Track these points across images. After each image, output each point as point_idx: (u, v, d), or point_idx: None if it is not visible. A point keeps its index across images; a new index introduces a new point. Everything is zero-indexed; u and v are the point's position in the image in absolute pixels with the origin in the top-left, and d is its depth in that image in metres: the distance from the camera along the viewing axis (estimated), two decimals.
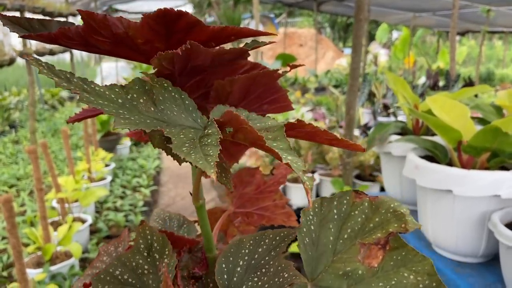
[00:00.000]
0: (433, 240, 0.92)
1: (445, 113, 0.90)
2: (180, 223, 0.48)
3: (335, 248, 0.33)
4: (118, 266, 0.37)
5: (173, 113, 0.31)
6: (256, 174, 0.46)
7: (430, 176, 0.86)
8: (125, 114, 0.29)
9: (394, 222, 0.31)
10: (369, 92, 3.80)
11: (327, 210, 0.34)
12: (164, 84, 0.32)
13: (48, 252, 1.94)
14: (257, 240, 0.36)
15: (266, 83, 0.35)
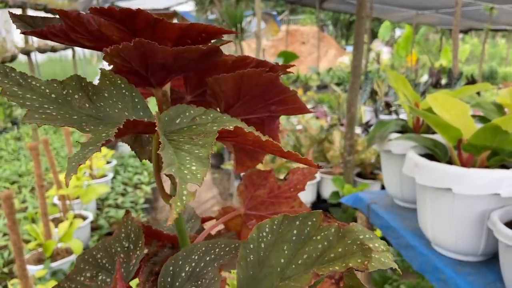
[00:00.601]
0: (432, 238, 0.92)
1: (445, 111, 0.89)
2: (189, 217, 0.48)
3: (284, 273, 0.29)
4: (101, 250, 0.39)
5: (114, 111, 0.32)
6: (269, 178, 0.44)
7: (429, 174, 0.85)
8: (47, 109, 0.29)
9: (358, 257, 0.27)
10: (371, 90, 3.79)
11: (287, 229, 0.30)
12: (118, 81, 0.32)
13: (49, 248, 1.95)
14: (208, 248, 0.34)
15: (261, 83, 0.34)
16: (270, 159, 2.47)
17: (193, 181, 0.25)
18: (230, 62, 0.36)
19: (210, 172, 3.96)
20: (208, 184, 3.66)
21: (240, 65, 0.36)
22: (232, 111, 0.38)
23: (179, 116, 0.31)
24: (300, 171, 0.44)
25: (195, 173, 0.25)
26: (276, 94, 0.36)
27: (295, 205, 0.43)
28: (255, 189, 0.43)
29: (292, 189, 0.43)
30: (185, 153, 0.27)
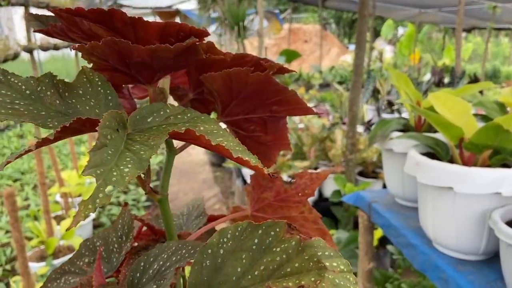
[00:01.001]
0: (433, 237, 0.92)
1: (447, 110, 0.89)
2: (197, 214, 0.48)
3: (239, 283, 0.27)
4: (100, 238, 0.41)
5: (85, 107, 0.32)
6: (276, 181, 0.43)
7: (431, 173, 0.85)
8: (16, 104, 0.30)
9: (312, 275, 0.26)
10: (373, 89, 3.79)
11: (248, 237, 0.29)
12: (95, 78, 0.33)
13: (51, 246, 1.95)
14: (178, 248, 0.34)
15: (253, 82, 0.34)
16: None
17: (117, 184, 0.24)
18: (229, 59, 0.36)
19: (212, 171, 3.96)
20: (209, 182, 3.67)
21: (239, 63, 0.35)
22: (230, 110, 0.38)
23: (152, 115, 0.31)
24: (308, 176, 0.43)
25: (124, 175, 0.25)
26: (273, 94, 0.36)
27: (304, 211, 0.42)
28: (261, 191, 0.43)
29: (300, 193, 0.42)
30: (130, 153, 0.27)
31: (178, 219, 0.48)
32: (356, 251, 1.64)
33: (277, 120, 0.39)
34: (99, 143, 0.26)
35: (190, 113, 0.32)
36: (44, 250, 2.02)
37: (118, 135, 0.28)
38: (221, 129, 0.30)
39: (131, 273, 0.33)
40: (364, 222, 1.27)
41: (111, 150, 0.26)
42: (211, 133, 0.29)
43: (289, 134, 0.96)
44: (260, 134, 0.39)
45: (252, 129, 0.39)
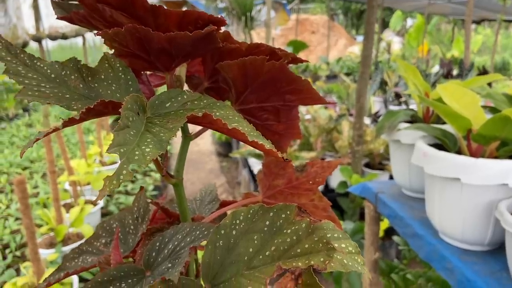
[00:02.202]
0: (440, 228, 0.93)
1: (455, 101, 0.89)
2: (211, 199, 0.49)
3: (251, 262, 0.29)
4: (116, 219, 0.43)
5: (106, 92, 0.34)
6: (287, 168, 0.43)
7: (438, 164, 0.86)
8: (43, 87, 0.32)
9: (321, 255, 0.27)
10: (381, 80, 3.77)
11: (260, 219, 0.30)
12: (116, 64, 0.34)
13: (61, 233, 1.98)
14: (192, 229, 0.35)
15: (267, 71, 0.35)
16: None
17: (140, 162, 0.25)
18: (244, 49, 0.37)
19: (218, 161, 3.98)
20: (216, 172, 3.69)
21: (254, 52, 0.36)
22: (244, 98, 0.39)
23: (171, 100, 0.33)
24: (319, 164, 0.43)
25: (145, 155, 0.26)
26: (287, 83, 0.37)
27: (315, 199, 0.42)
28: (273, 178, 0.43)
29: (311, 181, 0.42)
30: (150, 135, 0.28)
31: (191, 204, 0.49)
32: (362, 241, 1.65)
33: (289, 109, 0.39)
34: (122, 124, 0.27)
35: (206, 99, 0.33)
36: (54, 237, 2.05)
37: (138, 118, 0.30)
38: (236, 115, 0.31)
39: (147, 253, 0.34)
40: (371, 212, 1.28)
41: (133, 131, 0.28)
42: (226, 118, 0.30)
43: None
44: (273, 123, 0.40)
45: (265, 117, 0.39)
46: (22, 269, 1.72)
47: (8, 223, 2.52)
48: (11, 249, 2.23)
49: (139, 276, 0.33)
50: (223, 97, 0.41)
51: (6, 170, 3.36)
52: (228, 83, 0.38)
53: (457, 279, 0.85)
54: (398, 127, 1.12)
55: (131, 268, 0.34)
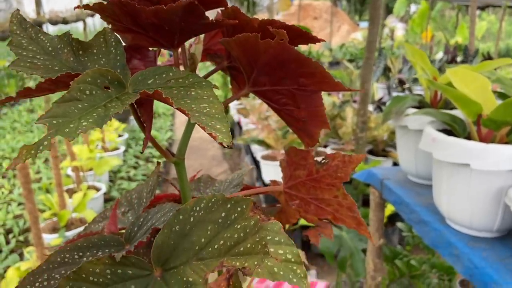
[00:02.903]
0: (447, 214, 0.92)
1: (465, 86, 0.88)
2: (237, 183, 0.48)
3: (200, 253, 0.28)
4: (136, 191, 0.44)
5: (94, 66, 0.34)
6: (308, 158, 0.40)
7: (447, 150, 0.84)
8: (37, 59, 0.33)
9: (256, 259, 0.26)
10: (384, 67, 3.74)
11: (218, 210, 0.29)
12: (111, 39, 0.35)
13: (64, 218, 1.99)
14: (169, 209, 0.35)
15: (270, 50, 0.32)
16: (281, 134, 2.47)
17: (68, 135, 0.25)
18: (256, 25, 0.35)
19: (220, 147, 3.97)
20: (218, 158, 3.68)
21: (267, 29, 0.34)
22: (254, 80, 0.37)
23: (154, 77, 0.32)
24: (340, 157, 0.40)
25: (78, 128, 0.26)
26: (297, 65, 0.34)
27: (339, 195, 0.40)
28: (294, 168, 0.41)
29: (333, 176, 0.39)
30: (102, 109, 0.28)
31: (219, 185, 0.48)
32: None
33: (308, 95, 0.37)
34: (68, 96, 0.27)
35: (193, 78, 0.32)
36: (57, 222, 2.05)
37: (103, 92, 0.29)
38: (213, 96, 0.30)
39: (130, 227, 0.35)
40: (376, 199, 1.27)
41: (83, 104, 0.27)
42: (197, 98, 0.30)
43: None
44: (292, 108, 0.38)
45: (283, 102, 0.38)
46: (25, 254, 1.73)
47: (11, 208, 2.52)
48: (14, 234, 2.24)
49: (119, 247, 0.33)
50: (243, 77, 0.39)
51: (8, 156, 3.36)
52: (235, 61, 0.37)
53: (465, 265, 0.84)
54: (405, 112, 1.11)
55: (113, 239, 0.34)
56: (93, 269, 0.26)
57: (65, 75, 0.29)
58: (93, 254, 0.31)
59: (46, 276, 0.29)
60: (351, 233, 1.55)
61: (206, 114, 0.28)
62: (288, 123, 0.41)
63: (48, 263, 0.30)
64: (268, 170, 2.49)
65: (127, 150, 3.42)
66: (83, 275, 0.26)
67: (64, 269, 0.29)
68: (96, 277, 0.26)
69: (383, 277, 1.37)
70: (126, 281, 0.27)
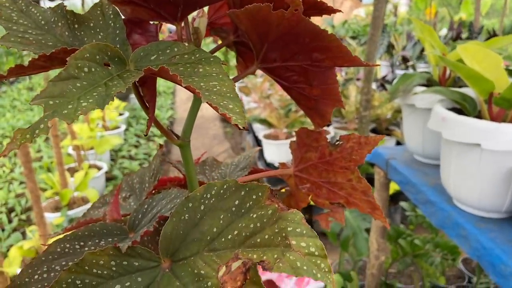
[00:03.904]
0: (454, 194, 0.90)
1: (476, 63, 0.85)
2: (244, 166, 0.46)
3: (212, 244, 0.26)
4: (138, 175, 0.43)
5: (91, 40, 0.31)
6: (320, 140, 0.38)
7: (457, 129, 0.82)
8: (28, 34, 0.30)
9: (276, 252, 0.24)
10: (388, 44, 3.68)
11: (230, 197, 0.27)
12: (109, 11, 0.32)
13: (66, 197, 1.98)
14: (176, 195, 0.34)
15: (277, 23, 0.30)
16: (284, 113, 2.44)
17: (66, 118, 0.23)
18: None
19: (222, 126, 3.95)
20: (220, 138, 3.66)
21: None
22: (264, 56, 0.34)
23: (157, 53, 0.30)
24: (356, 139, 0.37)
25: (78, 109, 0.24)
26: (311, 39, 0.31)
27: (353, 179, 0.37)
28: (305, 150, 0.39)
29: (347, 158, 0.37)
30: (103, 88, 0.25)
31: (225, 168, 0.46)
32: None
33: (322, 71, 0.34)
34: (64, 73, 0.25)
35: (199, 53, 0.30)
36: (59, 201, 2.05)
37: (103, 70, 0.27)
38: (222, 73, 0.28)
39: (134, 214, 0.33)
40: (381, 178, 1.25)
41: (82, 83, 0.25)
42: (205, 75, 0.27)
43: None
44: (304, 86, 0.36)
45: (295, 79, 0.35)
46: (28, 233, 1.73)
47: (12, 186, 2.52)
48: (16, 212, 2.24)
49: (122, 236, 0.31)
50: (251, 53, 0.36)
51: (9, 134, 3.34)
52: (246, 37, 0.34)
53: (472, 246, 0.83)
54: (413, 91, 1.08)
55: (115, 227, 0.32)
56: (97, 260, 0.24)
57: (61, 50, 0.26)
58: (95, 243, 0.29)
59: (45, 267, 0.27)
60: (354, 212, 1.55)
61: (217, 93, 0.25)
62: (298, 102, 0.39)
63: (48, 253, 0.28)
64: (270, 149, 2.47)
65: (128, 128, 3.40)
66: (85, 267, 0.24)
67: (65, 260, 0.28)
68: (100, 269, 0.24)
69: (386, 257, 1.37)
70: (132, 273, 0.25)
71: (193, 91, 0.25)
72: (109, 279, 0.24)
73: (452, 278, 1.68)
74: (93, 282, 0.24)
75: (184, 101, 4.49)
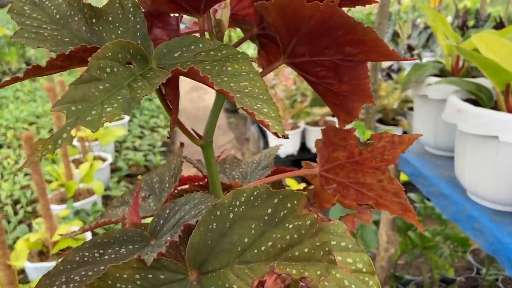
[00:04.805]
0: (469, 187, 0.89)
1: (492, 53, 0.82)
2: (265, 164, 0.44)
3: (244, 255, 0.24)
4: (158, 174, 0.42)
5: (110, 36, 0.30)
6: (349, 139, 0.36)
7: (474, 121, 0.80)
8: (43, 29, 0.29)
9: (319, 268, 0.22)
10: (393, 32, 3.64)
11: (262, 205, 0.25)
12: (128, 3, 0.30)
13: (71, 189, 1.97)
14: (200, 201, 0.32)
15: (309, 15, 0.28)
16: (289, 104, 2.42)
17: (91, 125, 0.21)
18: None
19: (226, 117, 3.93)
20: (224, 128, 3.65)
21: None
22: (292, 50, 0.32)
23: (182, 49, 0.28)
24: (389, 138, 0.35)
25: (102, 116, 0.23)
26: (345, 31, 0.29)
27: (383, 179, 0.35)
28: (332, 149, 0.36)
29: (379, 158, 0.35)
30: (127, 91, 0.24)
31: (246, 167, 0.44)
32: None
33: (353, 66, 0.32)
34: (87, 75, 0.23)
35: (226, 50, 0.28)
36: (64, 193, 2.04)
37: (126, 69, 0.25)
38: (253, 72, 0.26)
39: (155, 219, 0.31)
40: (391, 170, 1.24)
41: (105, 85, 0.23)
42: (234, 74, 0.25)
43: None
44: (333, 82, 0.34)
45: (323, 75, 0.33)
46: (34, 225, 1.72)
47: (17, 178, 2.51)
48: (22, 204, 2.24)
49: (143, 243, 0.29)
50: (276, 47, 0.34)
51: (12, 125, 3.33)
52: (273, 30, 0.32)
53: (488, 240, 0.82)
54: (426, 81, 1.06)
55: (136, 233, 0.30)
56: (120, 274, 0.23)
57: (80, 48, 0.24)
58: (115, 251, 0.28)
59: (64, 278, 0.25)
60: None
61: (249, 95, 0.24)
62: (324, 98, 0.37)
63: (66, 263, 0.26)
64: (276, 140, 2.45)
65: (132, 119, 3.38)
66: (109, 282, 0.23)
67: (84, 270, 0.26)
68: (124, 284, 0.23)
69: (396, 249, 1.36)
70: (158, 287, 0.23)
71: (227, 95, 0.23)
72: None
73: (460, 269, 1.67)
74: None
75: (188, 91, 4.47)
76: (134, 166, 2.67)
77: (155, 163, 2.71)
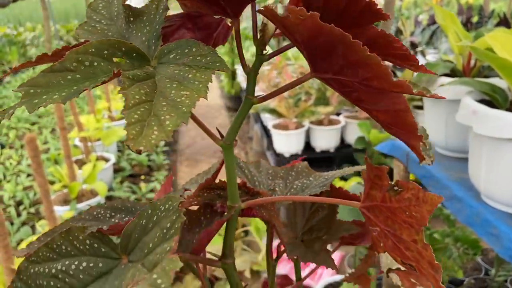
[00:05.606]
0: (483, 190, 0.87)
1: (507, 53, 0.80)
2: (322, 184, 0.43)
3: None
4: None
5: (137, 35, 0.32)
6: (383, 179, 0.31)
7: (490, 123, 0.78)
8: (98, 24, 0.32)
9: None
10: (396, 29, 3.62)
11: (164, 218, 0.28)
12: (161, 6, 0.31)
13: (74, 190, 1.96)
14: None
15: (358, 52, 0.25)
16: (293, 102, 2.40)
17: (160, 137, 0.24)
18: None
19: (228, 115, 3.91)
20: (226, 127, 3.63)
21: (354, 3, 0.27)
22: (315, 64, 0.29)
23: (177, 51, 0.29)
24: (414, 190, 0.30)
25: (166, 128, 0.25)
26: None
27: (418, 241, 0.30)
28: (370, 185, 0.33)
29: (408, 212, 0.30)
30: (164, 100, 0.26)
31: (313, 179, 0.43)
32: None
33: (378, 92, 0.28)
34: (58, 66, 0.25)
35: (211, 57, 0.28)
36: (68, 194, 2.02)
37: (108, 65, 0.27)
38: (203, 83, 0.26)
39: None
40: (400, 172, 1.21)
41: (75, 76, 0.25)
42: (189, 81, 0.26)
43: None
44: (370, 108, 0.30)
45: (356, 97, 0.28)
46: (38, 227, 1.71)
47: (20, 179, 2.50)
48: (24, 205, 2.22)
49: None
50: None
51: (14, 126, 3.32)
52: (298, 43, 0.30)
53: (505, 245, 0.80)
54: (438, 81, 1.04)
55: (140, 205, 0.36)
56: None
57: (62, 48, 0.27)
58: (121, 217, 0.33)
59: (80, 224, 0.30)
60: None
61: (170, 103, 0.25)
62: (370, 114, 0.33)
63: (86, 213, 0.33)
64: (280, 139, 2.43)
65: None
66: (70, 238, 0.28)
67: (95, 224, 0.31)
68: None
69: None
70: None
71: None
72: None
73: (469, 270, 1.65)
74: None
75: None
76: (137, 166, 2.65)
77: (158, 163, 2.69)
